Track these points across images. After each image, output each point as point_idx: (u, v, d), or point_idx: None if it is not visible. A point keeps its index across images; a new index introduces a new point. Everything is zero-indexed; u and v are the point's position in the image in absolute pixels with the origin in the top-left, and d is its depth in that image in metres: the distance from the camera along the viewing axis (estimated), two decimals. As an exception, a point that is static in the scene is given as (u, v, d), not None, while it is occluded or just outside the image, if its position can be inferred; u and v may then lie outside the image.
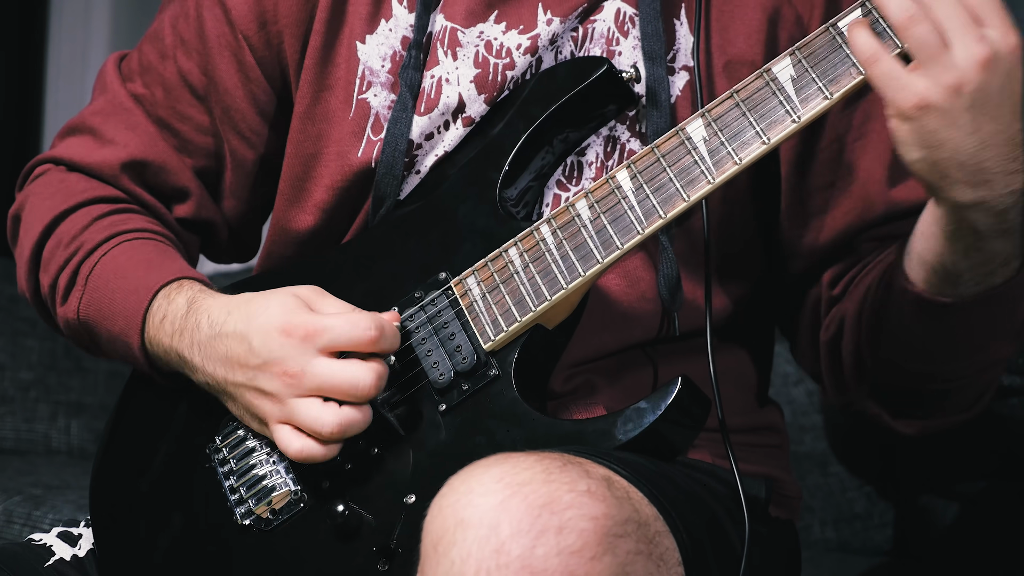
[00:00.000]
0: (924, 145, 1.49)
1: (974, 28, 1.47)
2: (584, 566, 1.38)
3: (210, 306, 1.73)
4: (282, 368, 1.65)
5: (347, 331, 1.64)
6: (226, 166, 1.92)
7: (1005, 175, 1.51)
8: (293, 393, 1.65)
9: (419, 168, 1.80)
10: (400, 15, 1.81)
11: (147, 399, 1.85)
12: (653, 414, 1.60)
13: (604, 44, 1.77)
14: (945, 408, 1.74)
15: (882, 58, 1.50)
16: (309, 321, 1.65)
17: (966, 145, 1.48)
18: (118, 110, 1.91)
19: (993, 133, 1.49)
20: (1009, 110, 1.49)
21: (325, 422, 1.64)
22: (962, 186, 1.51)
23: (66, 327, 1.86)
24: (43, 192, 1.91)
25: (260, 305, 1.69)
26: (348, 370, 1.63)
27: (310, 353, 1.64)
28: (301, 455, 1.66)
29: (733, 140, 1.59)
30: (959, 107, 1.47)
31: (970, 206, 1.52)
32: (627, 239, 1.62)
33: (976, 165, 1.50)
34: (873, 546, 2.69)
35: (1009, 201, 1.52)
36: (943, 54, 1.47)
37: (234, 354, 1.68)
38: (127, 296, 1.78)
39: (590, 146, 1.77)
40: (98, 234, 1.84)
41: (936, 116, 1.48)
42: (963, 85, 1.47)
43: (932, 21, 1.48)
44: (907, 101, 1.48)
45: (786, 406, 2.67)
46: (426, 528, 1.44)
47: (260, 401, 1.68)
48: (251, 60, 1.85)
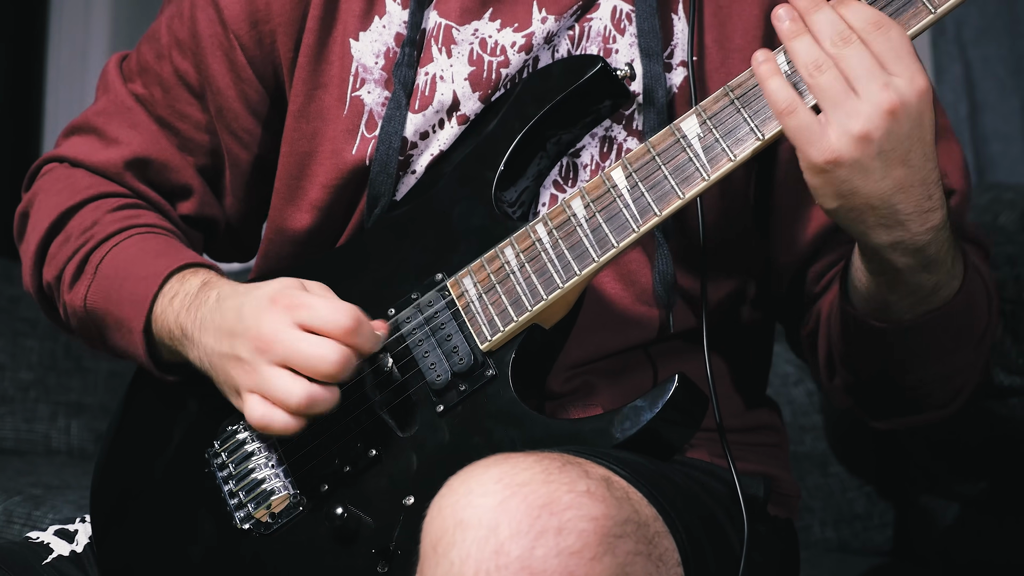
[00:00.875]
0: (837, 195, 1.52)
1: (880, 75, 1.49)
2: (583, 567, 1.38)
3: (222, 284, 1.75)
4: (257, 331, 1.65)
5: (326, 312, 1.64)
6: (225, 164, 1.92)
7: (919, 215, 1.53)
8: (263, 360, 1.64)
9: (415, 168, 1.80)
10: (394, 12, 1.81)
11: (148, 403, 1.85)
12: (650, 412, 1.60)
13: (601, 42, 1.77)
14: (917, 407, 1.76)
15: (797, 110, 1.51)
16: (296, 295, 1.66)
17: (878, 191, 1.51)
18: (121, 110, 1.92)
19: (904, 176, 1.51)
20: (920, 153, 1.51)
21: (291, 393, 1.63)
22: (878, 229, 1.54)
23: (72, 316, 1.86)
24: (50, 189, 1.91)
25: (264, 283, 1.70)
26: (316, 344, 1.63)
27: (287, 322, 1.64)
28: (261, 422, 1.65)
29: (728, 137, 1.59)
30: (868, 155, 1.49)
31: (887, 247, 1.56)
32: (623, 237, 1.62)
33: (889, 209, 1.52)
34: (873, 546, 2.69)
35: (926, 239, 1.55)
36: (849, 102, 1.49)
37: (226, 321, 1.69)
38: (137, 283, 1.79)
39: (585, 147, 1.77)
40: (111, 226, 1.85)
41: (847, 168, 1.50)
42: (871, 133, 1.48)
43: (839, 69, 1.49)
44: (819, 156, 1.50)
45: (786, 406, 2.67)
46: (425, 529, 1.44)
47: (235, 369, 1.67)
48: (243, 60, 1.85)
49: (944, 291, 1.63)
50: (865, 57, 1.49)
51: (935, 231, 1.55)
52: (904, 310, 1.63)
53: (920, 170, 1.51)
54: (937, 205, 1.54)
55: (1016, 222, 2.40)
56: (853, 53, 1.49)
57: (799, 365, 2.74)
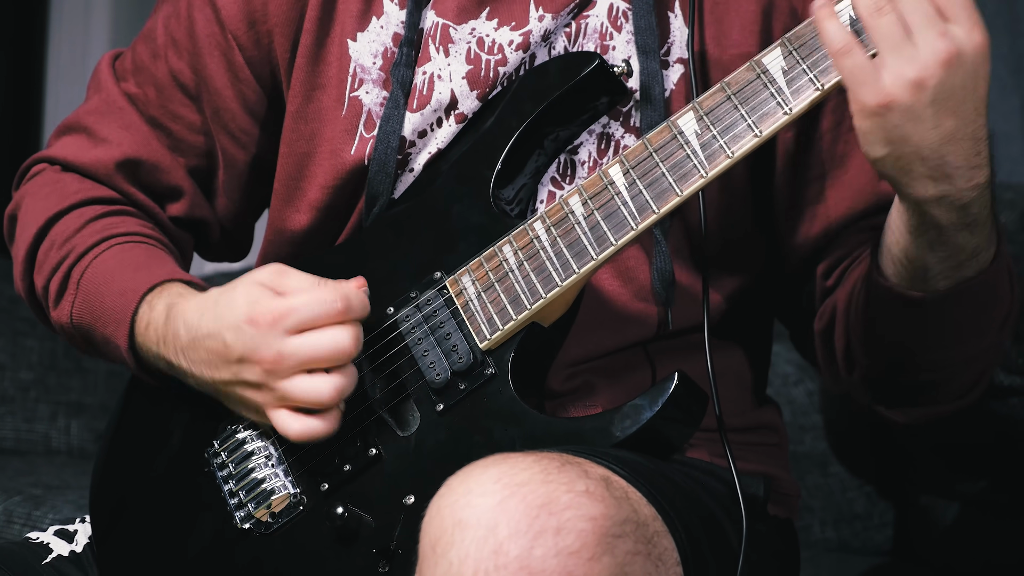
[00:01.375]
0: (887, 141, 1.51)
1: (939, 23, 1.48)
2: (582, 567, 1.38)
3: (185, 310, 1.73)
4: (258, 357, 1.65)
5: (313, 308, 1.64)
6: (218, 165, 1.92)
7: (967, 170, 1.52)
8: (277, 378, 1.65)
9: (412, 166, 1.80)
10: (391, 12, 1.81)
11: (147, 403, 1.84)
12: (650, 410, 1.60)
13: (597, 39, 1.76)
14: (935, 397, 1.75)
15: (854, 50, 1.50)
16: (273, 306, 1.65)
17: (928, 140, 1.50)
18: (112, 109, 1.91)
19: (956, 129, 1.50)
20: (972, 107, 1.50)
21: (322, 391, 1.63)
22: (924, 181, 1.52)
23: (61, 332, 1.87)
24: (38, 192, 1.91)
25: (227, 300, 1.69)
26: (326, 338, 1.63)
27: (280, 337, 1.64)
28: (304, 435, 1.66)
29: (725, 133, 1.59)
30: (922, 103, 1.48)
31: (932, 201, 1.54)
32: (621, 235, 1.62)
33: (938, 160, 1.51)
34: (873, 546, 2.69)
35: (971, 195, 1.54)
36: (906, 47, 1.48)
37: (214, 353, 1.68)
38: (115, 299, 1.78)
39: (583, 144, 1.77)
40: (90, 238, 1.84)
41: (899, 112, 1.48)
42: (925, 80, 1.47)
43: (897, 13, 1.48)
44: (872, 98, 1.49)
45: (786, 406, 2.67)
46: (424, 529, 1.44)
47: (250, 393, 1.68)
48: (240, 60, 1.85)
49: (982, 257, 1.61)
50: (925, 4, 1.48)
51: (980, 189, 1.54)
52: (942, 275, 1.61)
53: (971, 124, 1.50)
54: (984, 162, 1.53)
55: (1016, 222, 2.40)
56: None
57: (799, 365, 2.74)
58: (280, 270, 1.69)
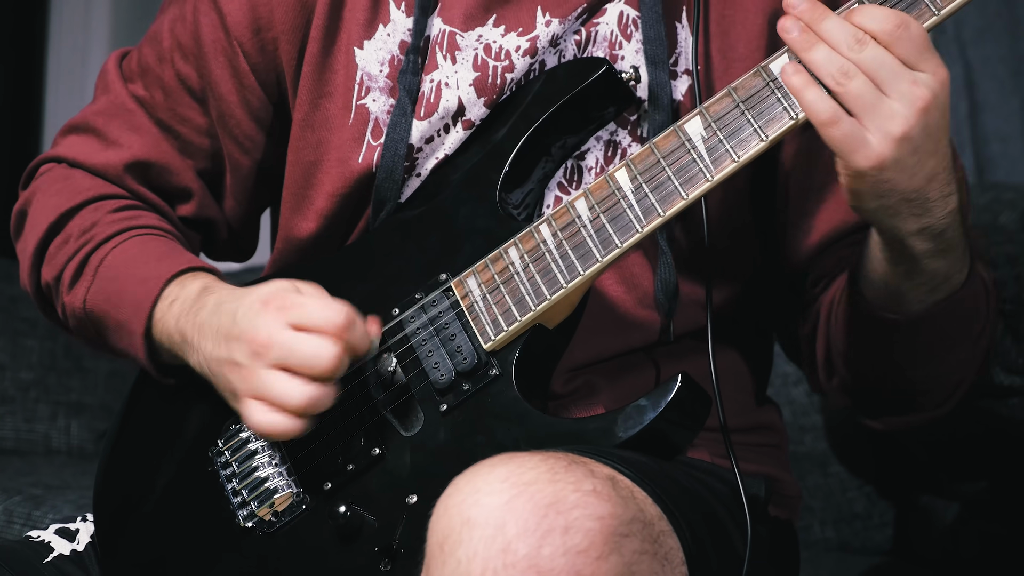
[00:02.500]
0: (878, 195, 1.53)
1: (907, 72, 1.50)
2: (590, 566, 1.38)
3: (221, 289, 1.75)
4: (252, 335, 1.65)
5: (317, 310, 1.64)
6: (226, 167, 1.92)
7: (943, 198, 1.55)
8: (260, 364, 1.64)
9: (419, 171, 1.80)
10: (398, 20, 1.81)
11: (151, 403, 1.85)
12: (653, 411, 1.60)
13: (607, 47, 1.77)
14: (914, 406, 1.77)
15: (841, 119, 1.51)
16: (288, 297, 1.66)
17: (914, 184, 1.53)
18: (121, 111, 1.91)
19: (935, 166, 1.53)
20: (944, 141, 1.53)
21: (292, 395, 1.63)
22: (909, 218, 1.55)
23: (72, 317, 1.86)
24: (49, 189, 1.91)
25: (257, 286, 1.71)
26: (310, 343, 1.63)
27: (280, 324, 1.64)
28: (263, 428, 1.65)
29: (731, 138, 1.60)
30: (907, 153, 1.50)
31: (914, 234, 1.57)
32: (626, 238, 1.63)
33: (922, 198, 1.54)
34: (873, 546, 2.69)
35: (947, 222, 1.57)
36: (883, 105, 1.49)
37: (222, 326, 1.69)
38: (137, 285, 1.79)
39: (590, 150, 1.77)
40: (110, 227, 1.84)
41: (890, 167, 1.51)
42: (909, 131, 1.50)
43: (865, 74, 1.50)
44: (864, 162, 1.51)
45: (786, 406, 2.67)
46: (432, 527, 1.44)
47: (233, 374, 1.67)
48: (245, 67, 1.85)
49: (955, 279, 1.63)
50: (887, 57, 1.50)
51: (952, 214, 1.57)
52: (917, 300, 1.64)
53: (945, 156, 1.53)
54: (954, 188, 1.56)
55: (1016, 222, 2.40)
56: (875, 55, 1.50)
57: (799, 365, 2.74)
58: (316, 287, 1.70)
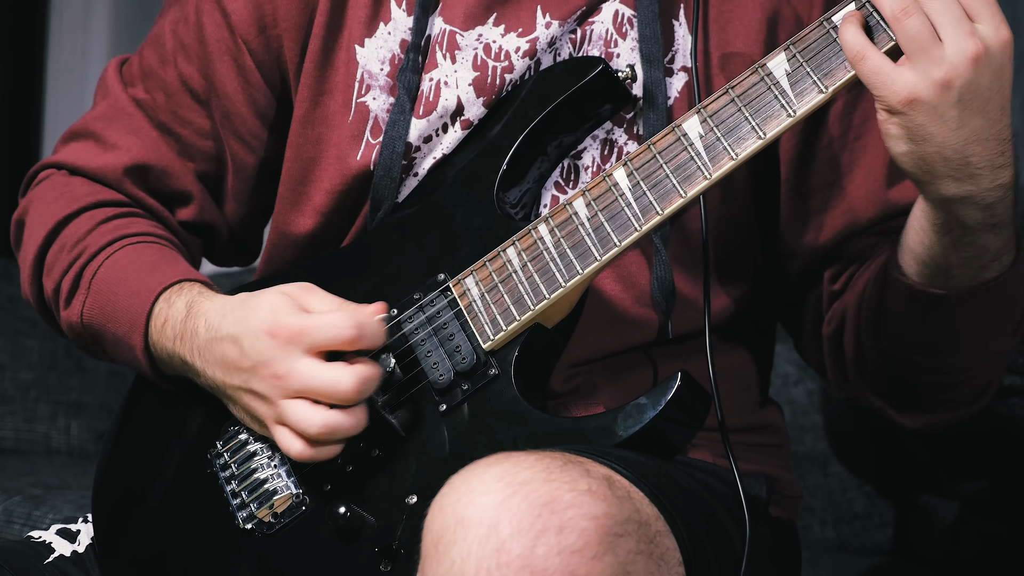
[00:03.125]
0: (911, 139, 1.51)
1: (966, 23, 1.48)
2: (585, 565, 1.38)
3: (207, 310, 1.73)
4: (270, 370, 1.65)
5: (326, 332, 1.64)
6: (227, 170, 1.92)
7: (992, 170, 1.52)
8: (282, 394, 1.65)
9: (417, 171, 1.80)
10: (399, 18, 1.81)
11: (150, 404, 1.85)
12: (653, 410, 1.60)
13: (602, 46, 1.77)
14: (948, 402, 1.75)
15: (869, 54, 1.51)
16: (293, 323, 1.65)
17: (953, 140, 1.50)
18: (120, 115, 1.91)
19: (980, 128, 1.50)
20: (997, 106, 1.50)
21: (311, 423, 1.64)
22: (948, 180, 1.52)
23: (70, 331, 1.86)
24: (47, 196, 1.91)
25: (251, 306, 1.69)
26: (328, 373, 1.63)
27: (296, 354, 1.64)
28: (303, 456, 1.66)
29: (729, 136, 1.60)
30: (947, 102, 1.48)
31: (957, 200, 1.54)
32: (625, 236, 1.63)
33: (962, 160, 1.51)
34: (873, 546, 2.69)
35: (996, 196, 1.54)
36: (934, 48, 1.48)
37: (229, 357, 1.69)
38: (129, 299, 1.78)
39: (587, 149, 1.77)
40: (102, 238, 1.84)
41: (924, 111, 1.49)
42: (952, 80, 1.48)
43: (924, 15, 1.48)
44: (896, 96, 1.49)
45: (786, 406, 2.67)
46: (427, 527, 1.44)
47: (255, 404, 1.68)
48: (251, 64, 1.85)
49: (1005, 259, 1.61)
50: (951, 3, 1.48)
51: (1004, 189, 1.54)
52: (964, 276, 1.61)
53: (996, 123, 1.50)
54: (1008, 162, 1.53)
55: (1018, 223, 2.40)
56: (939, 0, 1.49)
57: (799, 365, 2.74)
58: (307, 287, 1.70)
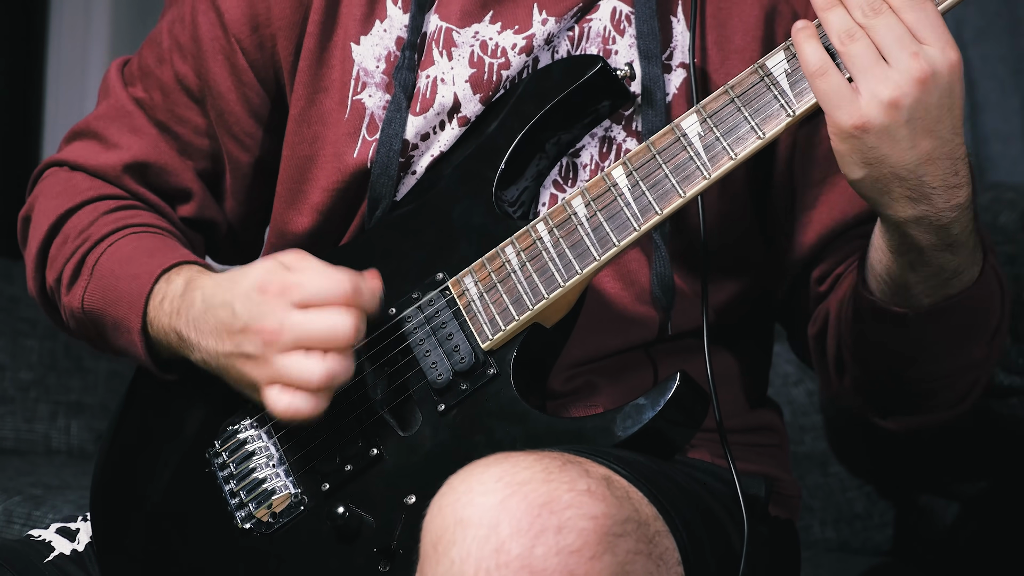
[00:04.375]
0: (865, 163, 1.52)
1: (912, 44, 1.49)
2: (583, 565, 1.38)
3: (204, 283, 1.73)
4: (260, 325, 1.64)
5: (320, 283, 1.63)
6: (225, 168, 1.92)
7: (945, 190, 1.53)
8: (275, 350, 1.63)
9: (415, 169, 1.80)
10: (394, 15, 1.81)
11: (148, 404, 1.85)
12: (652, 410, 1.60)
13: (600, 43, 1.77)
14: (929, 406, 1.75)
15: (829, 72, 1.51)
16: (284, 277, 1.65)
17: (905, 160, 1.51)
18: (121, 114, 1.92)
19: (932, 148, 1.51)
20: (948, 126, 1.51)
21: (311, 372, 1.62)
22: (904, 202, 1.53)
23: (71, 318, 1.86)
24: (50, 192, 1.92)
25: (243, 272, 1.69)
26: (325, 316, 1.62)
27: (286, 308, 1.63)
28: (289, 411, 1.63)
29: (728, 135, 1.60)
30: (897, 122, 1.49)
31: (911, 221, 1.55)
32: (624, 236, 1.63)
33: (916, 180, 1.52)
34: (873, 546, 2.69)
35: (951, 216, 1.55)
36: (880, 69, 1.49)
37: (222, 322, 1.68)
38: (130, 282, 1.79)
39: (585, 147, 1.77)
40: (104, 227, 1.85)
41: (875, 134, 1.50)
42: (900, 100, 1.48)
43: (870, 38, 1.49)
44: (847, 120, 1.50)
45: (786, 406, 2.67)
46: (426, 527, 1.44)
47: (247, 367, 1.66)
48: (244, 64, 1.85)
49: (965, 276, 1.62)
50: (896, 26, 1.49)
51: (960, 209, 1.55)
52: (924, 293, 1.62)
53: (948, 143, 1.51)
54: (963, 182, 1.54)
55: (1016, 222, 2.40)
56: (884, 23, 1.49)
57: (799, 365, 2.74)
58: (300, 253, 1.69)
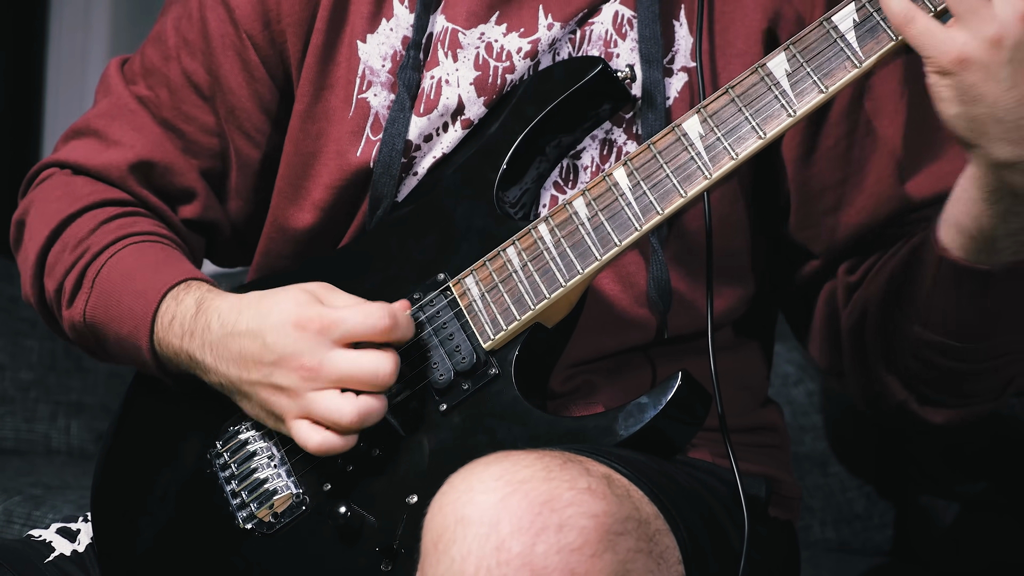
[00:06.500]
0: (962, 100, 1.49)
1: None
2: (584, 564, 1.38)
3: (219, 306, 1.73)
4: (299, 362, 1.64)
5: (361, 322, 1.64)
6: (231, 166, 1.92)
7: None
8: (311, 387, 1.64)
9: (416, 169, 1.80)
10: (401, 15, 1.81)
11: (149, 404, 1.85)
12: (654, 409, 1.60)
13: (602, 46, 1.77)
14: (972, 394, 1.73)
15: (917, 16, 1.50)
16: (323, 314, 1.65)
17: (1004, 100, 1.48)
18: (123, 112, 1.91)
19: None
20: None
21: (345, 412, 1.63)
22: (1000, 143, 1.50)
23: (72, 330, 1.86)
24: (48, 196, 1.90)
25: (272, 301, 1.69)
26: (367, 359, 1.63)
27: (326, 346, 1.64)
28: (322, 448, 1.65)
29: (729, 136, 1.60)
30: (999, 61, 1.47)
31: (1008, 165, 1.51)
32: (625, 236, 1.63)
33: (1015, 121, 1.49)
34: (873, 546, 2.69)
35: None
36: (983, 7, 1.47)
37: (248, 352, 1.68)
38: (135, 298, 1.78)
39: (586, 149, 1.77)
40: (105, 237, 1.84)
41: (975, 70, 1.47)
42: (1003, 38, 1.46)
43: None
44: (947, 56, 1.48)
45: (786, 406, 2.67)
46: (426, 526, 1.44)
47: (276, 397, 1.67)
48: (255, 59, 1.85)
49: None
50: None
51: None
52: (1010, 250, 1.59)
53: None
54: None
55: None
56: None
57: (799, 365, 2.74)
58: (328, 286, 1.70)
